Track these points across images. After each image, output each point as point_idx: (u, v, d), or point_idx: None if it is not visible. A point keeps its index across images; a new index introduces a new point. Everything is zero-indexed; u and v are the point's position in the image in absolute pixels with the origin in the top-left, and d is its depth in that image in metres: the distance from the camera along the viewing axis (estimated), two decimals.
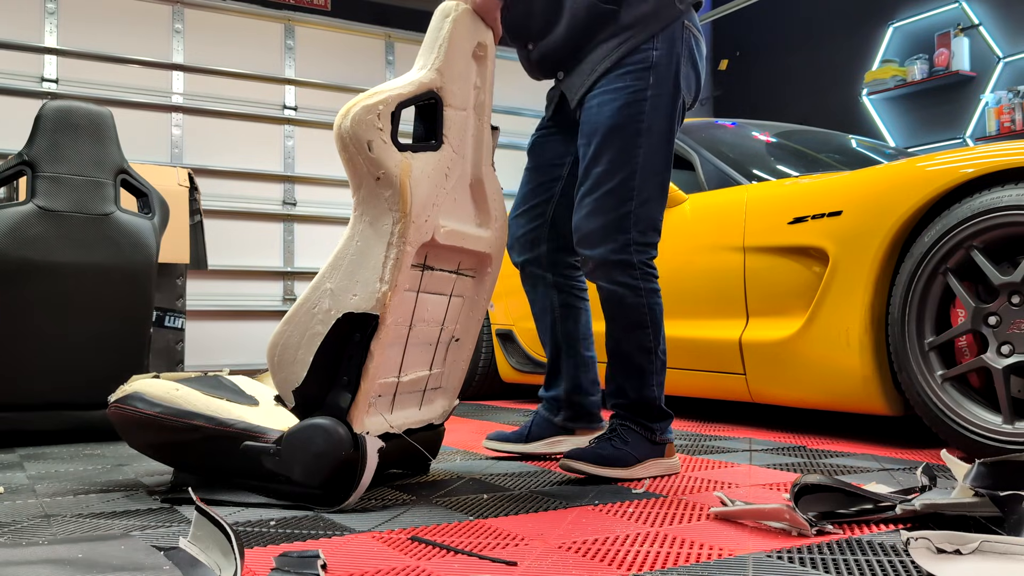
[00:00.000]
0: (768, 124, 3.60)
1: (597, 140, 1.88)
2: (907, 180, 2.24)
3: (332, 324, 1.58)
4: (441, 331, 1.87)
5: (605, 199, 1.87)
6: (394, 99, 1.61)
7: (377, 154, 1.57)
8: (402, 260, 1.59)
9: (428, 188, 1.64)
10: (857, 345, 2.33)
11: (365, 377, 1.60)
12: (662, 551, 1.28)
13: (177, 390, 1.73)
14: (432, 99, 1.69)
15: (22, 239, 2.49)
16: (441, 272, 1.79)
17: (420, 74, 1.67)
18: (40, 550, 1.17)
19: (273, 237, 5.63)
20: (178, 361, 3.31)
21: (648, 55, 1.88)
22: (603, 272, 1.89)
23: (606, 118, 1.88)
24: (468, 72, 1.78)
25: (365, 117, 1.56)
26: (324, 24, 5.88)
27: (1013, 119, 4.96)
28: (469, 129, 1.80)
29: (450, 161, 1.72)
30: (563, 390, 2.16)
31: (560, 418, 2.17)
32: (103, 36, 5.19)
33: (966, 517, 1.39)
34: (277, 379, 1.62)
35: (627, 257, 1.87)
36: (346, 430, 1.58)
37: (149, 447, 1.75)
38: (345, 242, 1.62)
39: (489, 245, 1.91)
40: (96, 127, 2.68)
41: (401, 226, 1.58)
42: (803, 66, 6.27)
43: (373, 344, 1.60)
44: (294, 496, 1.62)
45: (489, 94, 1.86)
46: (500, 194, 1.94)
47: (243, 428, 1.66)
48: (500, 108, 6.31)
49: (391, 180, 1.58)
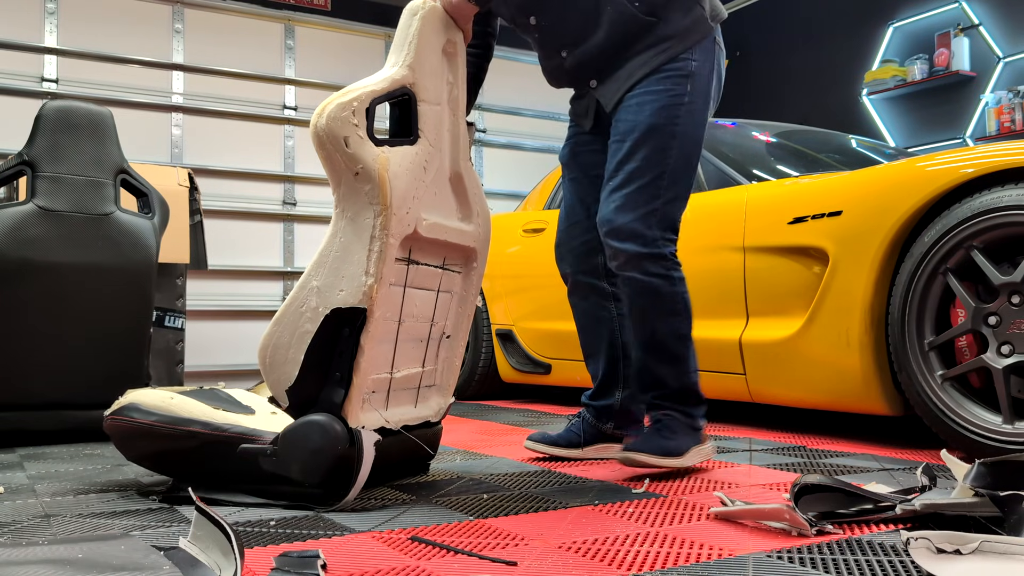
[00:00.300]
0: (768, 124, 3.60)
1: (634, 137, 1.93)
2: (907, 180, 2.24)
3: (321, 321, 1.59)
4: (431, 327, 1.88)
5: (637, 194, 1.92)
6: (368, 95, 1.63)
7: (354, 149, 1.59)
8: (386, 252, 1.60)
9: (407, 181, 1.66)
10: (857, 345, 2.33)
11: (357, 372, 1.61)
12: (662, 551, 1.28)
13: (172, 399, 1.74)
14: (405, 95, 1.71)
15: (22, 239, 2.49)
16: (427, 267, 1.80)
17: (392, 71, 1.70)
18: (40, 550, 1.17)
19: (273, 237, 5.63)
20: (178, 361, 3.31)
21: (687, 64, 1.96)
22: (635, 264, 1.92)
23: (645, 117, 1.93)
24: (440, 68, 1.80)
25: (340, 114, 1.58)
26: (324, 24, 5.88)
27: (1013, 119, 4.96)
28: (445, 124, 1.83)
29: (427, 154, 1.74)
30: (619, 399, 2.17)
31: (610, 426, 2.19)
32: (103, 36, 5.19)
33: (966, 517, 1.39)
34: (270, 380, 1.62)
35: (658, 249, 1.93)
36: (342, 425, 1.58)
37: (147, 458, 1.74)
38: (328, 239, 1.63)
39: (474, 239, 1.93)
40: (96, 127, 2.68)
41: (383, 219, 1.60)
42: (803, 66, 6.27)
43: (363, 338, 1.60)
44: (293, 496, 1.62)
45: (463, 90, 1.89)
46: (480, 189, 1.97)
47: (239, 432, 1.66)
48: (500, 108, 6.31)
49: (370, 174, 1.59)
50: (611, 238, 1.93)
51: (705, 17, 1.98)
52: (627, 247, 1.91)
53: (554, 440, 2.20)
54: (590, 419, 2.20)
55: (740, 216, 2.74)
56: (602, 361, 2.18)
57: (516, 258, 3.78)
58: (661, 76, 1.95)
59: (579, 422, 2.22)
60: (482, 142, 6.32)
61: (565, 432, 2.22)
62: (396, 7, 6.29)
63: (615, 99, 1.99)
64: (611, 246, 1.94)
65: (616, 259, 1.95)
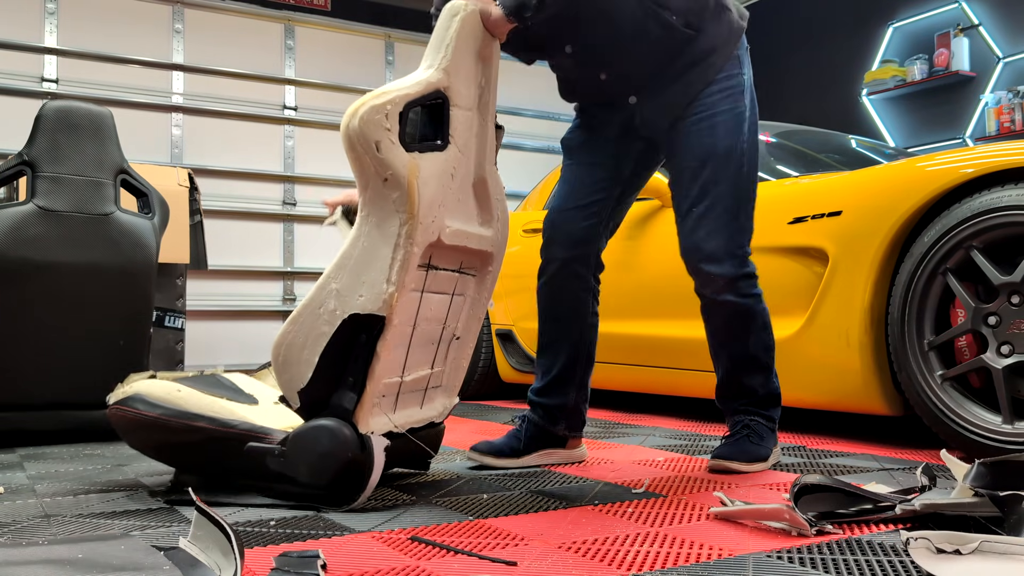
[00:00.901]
0: (768, 124, 3.60)
1: (715, 162, 1.95)
2: (907, 180, 2.24)
3: (338, 325, 1.57)
4: (443, 329, 1.86)
5: (725, 217, 1.94)
6: (402, 99, 1.59)
7: (385, 155, 1.55)
8: (409, 261, 1.57)
9: (435, 189, 1.63)
10: (857, 345, 2.33)
11: (371, 378, 1.59)
12: (662, 551, 1.28)
13: (179, 391, 1.72)
14: (439, 99, 1.67)
15: (22, 239, 2.49)
16: (444, 271, 1.79)
17: (427, 74, 1.66)
18: (40, 550, 1.17)
19: (273, 237, 5.63)
20: (178, 361, 3.31)
21: (741, 79, 2.01)
22: (732, 288, 1.95)
23: (720, 139, 1.96)
24: (474, 72, 1.76)
25: (373, 117, 1.55)
26: (324, 24, 5.88)
27: (1013, 119, 4.96)
28: (473, 128, 1.79)
29: (456, 161, 1.71)
30: (572, 398, 2.11)
31: (561, 427, 2.11)
32: (103, 36, 5.19)
33: (966, 517, 1.39)
34: (282, 379, 1.61)
35: (749, 269, 1.98)
36: (352, 431, 1.58)
37: (151, 448, 1.74)
38: (351, 242, 1.60)
39: (492, 244, 1.90)
40: (96, 127, 2.68)
41: (408, 227, 1.57)
42: (803, 66, 6.27)
43: (379, 346, 1.58)
44: (299, 497, 1.62)
45: (493, 93, 1.85)
46: (503, 193, 1.93)
47: (247, 429, 1.65)
48: (501, 108, 6.29)
49: (399, 181, 1.56)
50: (707, 264, 1.94)
51: (735, 20, 2.00)
52: (724, 271, 1.93)
53: (499, 449, 2.08)
54: (538, 421, 2.10)
55: None
56: (563, 356, 2.09)
57: (516, 258, 3.78)
58: (722, 94, 1.97)
59: (523, 426, 2.12)
60: None
61: (508, 439, 2.10)
62: (396, 7, 6.29)
63: (670, 117, 2.00)
64: (706, 272, 1.94)
65: (711, 284, 1.95)
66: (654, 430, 2.80)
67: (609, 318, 3.27)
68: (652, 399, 3.77)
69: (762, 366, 2.04)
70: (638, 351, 3.13)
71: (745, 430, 2.02)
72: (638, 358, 3.14)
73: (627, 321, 3.17)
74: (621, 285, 3.19)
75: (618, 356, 3.23)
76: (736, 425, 2.05)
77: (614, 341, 3.22)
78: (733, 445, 2.00)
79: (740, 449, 1.98)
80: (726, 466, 1.95)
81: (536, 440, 2.10)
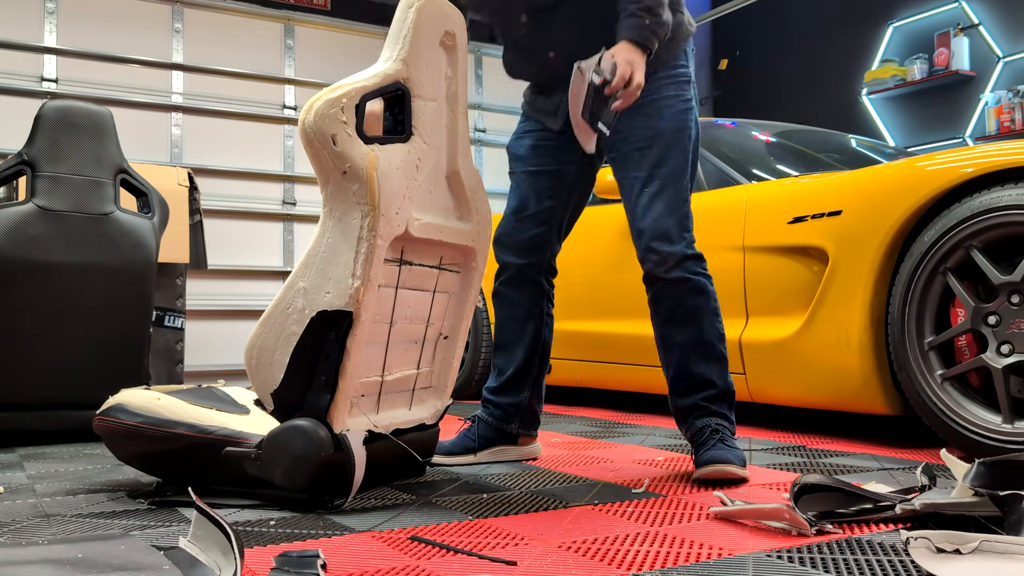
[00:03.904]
0: (768, 124, 3.60)
1: (662, 143, 1.96)
2: (907, 180, 2.24)
3: (307, 323, 1.56)
4: (427, 328, 1.85)
5: (674, 199, 1.95)
6: (358, 91, 1.59)
7: (342, 147, 1.55)
8: (373, 254, 1.56)
9: (398, 180, 1.62)
10: (857, 345, 2.33)
11: (343, 376, 1.58)
12: (662, 551, 1.28)
13: (159, 399, 1.72)
14: (399, 90, 1.67)
15: (22, 239, 2.49)
16: (421, 267, 1.77)
17: (385, 66, 1.66)
18: (40, 550, 1.17)
19: (273, 237, 5.63)
20: (178, 361, 3.31)
21: (686, 71, 2.03)
22: (683, 265, 1.95)
23: (668, 122, 1.96)
24: (437, 62, 1.76)
25: (328, 111, 1.55)
26: (324, 24, 5.87)
27: (1013, 119, 4.96)
28: (442, 120, 1.78)
29: (421, 152, 1.70)
30: (526, 397, 2.16)
31: (515, 426, 2.16)
32: (103, 36, 5.18)
33: (966, 517, 1.39)
34: (256, 382, 1.60)
35: (695, 250, 1.98)
36: (326, 431, 1.56)
37: (135, 458, 1.74)
38: (316, 240, 1.60)
39: (472, 238, 1.89)
40: (96, 127, 2.68)
41: (370, 220, 1.56)
42: (803, 66, 6.27)
43: (349, 342, 1.57)
44: (284, 500, 1.61)
45: (463, 85, 1.85)
46: (480, 186, 1.92)
47: (224, 434, 1.64)
48: (500, 108, 6.31)
49: (358, 173, 1.56)
50: (660, 242, 1.94)
51: (686, 22, 2.02)
52: (676, 249, 1.93)
53: (449, 449, 2.14)
54: (491, 420, 2.16)
55: (740, 216, 2.74)
56: (519, 356, 2.14)
57: None
58: (668, 80, 1.98)
59: (475, 425, 2.18)
60: (482, 142, 6.31)
61: (460, 438, 2.16)
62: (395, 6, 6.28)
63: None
64: (660, 251, 1.93)
65: (665, 263, 1.94)
66: (654, 430, 2.80)
67: (609, 318, 3.27)
68: (652, 399, 3.77)
69: (718, 355, 1.98)
70: (638, 351, 3.13)
71: (716, 434, 1.92)
72: (638, 358, 3.14)
73: (627, 321, 3.17)
74: (619, 285, 3.19)
75: (618, 356, 3.23)
76: (704, 431, 1.93)
77: (614, 341, 3.22)
78: (721, 449, 1.89)
79: (730, 452, 1.88)
80: (725, 470, 1.84)
81: (488, 439, 2.16)
